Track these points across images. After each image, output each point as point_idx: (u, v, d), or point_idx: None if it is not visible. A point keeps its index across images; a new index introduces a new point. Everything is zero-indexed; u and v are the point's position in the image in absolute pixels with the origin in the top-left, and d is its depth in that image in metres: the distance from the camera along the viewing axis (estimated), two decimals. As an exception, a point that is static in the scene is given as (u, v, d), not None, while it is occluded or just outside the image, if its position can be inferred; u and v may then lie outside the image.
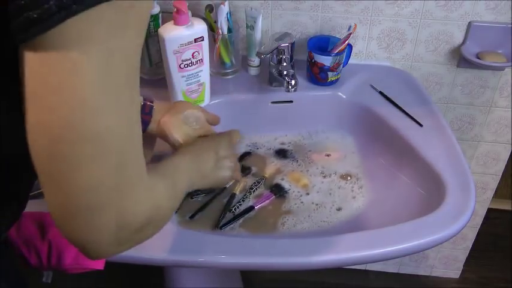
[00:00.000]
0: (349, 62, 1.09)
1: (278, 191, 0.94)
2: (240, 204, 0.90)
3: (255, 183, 0.95)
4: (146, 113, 0.82)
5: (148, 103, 0.83)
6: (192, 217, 0.87)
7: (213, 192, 0.92)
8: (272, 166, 1.00)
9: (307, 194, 0.94)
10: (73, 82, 0.37)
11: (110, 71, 0.39)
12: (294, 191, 0.94)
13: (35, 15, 0.35)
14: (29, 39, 0.37)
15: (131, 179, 0.43)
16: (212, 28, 1.01)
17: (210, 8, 1.02)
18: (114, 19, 0.38)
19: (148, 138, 0.83)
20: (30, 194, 0.90)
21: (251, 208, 0.90)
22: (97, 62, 0.38)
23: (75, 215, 0.41)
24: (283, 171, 0.98)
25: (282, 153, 1.03)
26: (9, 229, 0.60)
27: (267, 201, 0.91)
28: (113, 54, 0.39)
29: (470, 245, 1.50)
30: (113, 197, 0.42)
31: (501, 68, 1.10)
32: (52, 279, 0.83)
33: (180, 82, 0.95)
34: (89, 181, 0.40)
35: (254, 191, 0.93)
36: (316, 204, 0.92)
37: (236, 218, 0.87)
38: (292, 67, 1.00)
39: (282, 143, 1.05)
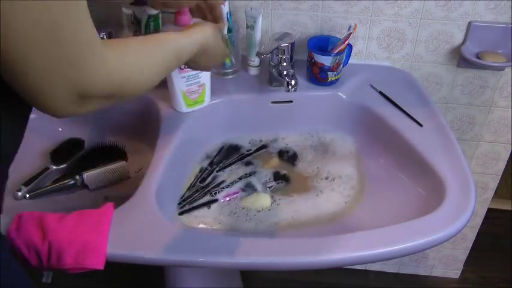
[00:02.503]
0: (349, 62, 1.09)
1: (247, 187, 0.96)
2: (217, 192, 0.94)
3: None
4: None
5: None
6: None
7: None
8: (272, 162, 1.00)
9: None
10: None
11: None
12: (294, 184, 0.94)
13: None
14: None
15: (76, 52, 0.47)
16: (212, 28, 1.01)
17: None
18: None
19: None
20: (30, 194, 0.90)
21: (215, 201, 0.92)
22: None
23: (30, 91, 0.47)
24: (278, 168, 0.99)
25: (282, 154, 1.03)
26: None
27: (234, 195, 0.93)
28: None
29: (470, 245, 1.50)
30: (58, 70, 0.46)
31: (501, 68, 1.10)
32: (52, 279, 0.83)
33: (180, 83, 0.95)
34: (28, 64, 0.45)
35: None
36: (317, 201, 0.92)
37: (195, 208, 0.90)
38: (292, 67, 1.00)
39: (286, 144, 1.06)
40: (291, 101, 1.06)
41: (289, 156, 1.03)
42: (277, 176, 0.98)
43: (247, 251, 0.74)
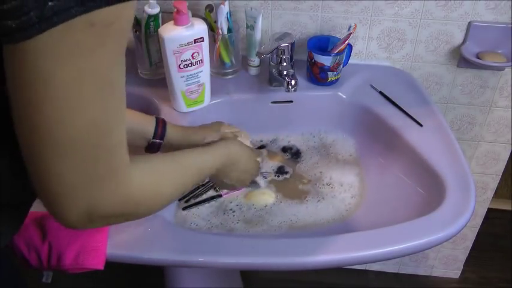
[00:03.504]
0: (349, 62, 1.09)
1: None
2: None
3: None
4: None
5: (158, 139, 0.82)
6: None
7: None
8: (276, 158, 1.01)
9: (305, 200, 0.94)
10: (44, 94, 0.40)
11: (78, 87, 0.41)
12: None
13: (14, 25, 0.36)
14: (9, 43, 0.38)
15: (98, 176, 0.46)
16: (212, 28, 1.01)
17: (210, 8, 1.02)
18: (90, 37, 0.39)
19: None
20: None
21: (219, 196, 0.93)
22: (68, 80, 0.40)
23: (48, 198, 0.47)
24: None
25: (286, 151, 1.04)
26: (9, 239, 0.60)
27: (237, 192, 0.94)
28: (84, 73, 0.41)
29: (470, 245, 1.50)
30: (78, 190, 0.46)
31: (501, 68, 1.10)
32: (52, 279, 0.83)
33: (179, 82, 0.95)
34: (54, 176, 0.45)
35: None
36: (318, 201, 0.92)
37: (200, 203, 0.91)
38: (292, 67, 1.00)
39: (288, 142, 1.06)
40: (291, 101, 1.06)
41: (292, 153, 1.03)
42: (279, 170, 0.99)
43: (247, 251, 0.74)
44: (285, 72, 0.97)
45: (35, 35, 0.37)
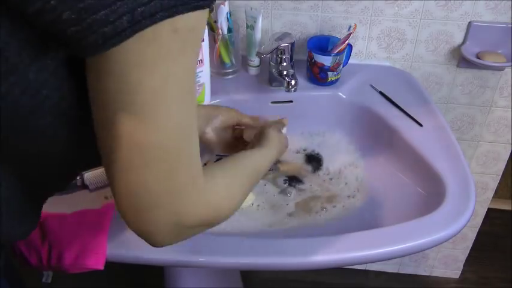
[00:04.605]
0: (349, 62, 1.09)
1: None
2: None
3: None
4: None
5: None
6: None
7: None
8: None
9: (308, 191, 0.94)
10: (132, 101, 0.41)
11: (164, 92, 0.41)
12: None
13: (107, 30, 0.37)
14: (100, 52, 0.39)
15: (182, 184, 0.46)
16: (212, 28, 1.01)
17: (210, 8, 1.02)
18: (174, 43, 0.40)
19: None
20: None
21: None
22: (156, 86, 0.41)
23: (129, 213, 0.46)
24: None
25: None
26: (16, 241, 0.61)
27: None
28: (170, 79, 0.41)
29: (470, 245, 1.50)
30: (164, 200, 0.45)
31: (501, 68, 1.10)
32: (52, 279, 0.83)
33: (180, 82, 0.95)
34: (139, 185, 0.44)
35: None
36: (318, 201, 0.92)
37: None
38: (292, 67, 1.00)
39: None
40: (291, 101, 1.06)
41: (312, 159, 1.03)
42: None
43: (247, 251, 0.74)
44: (285, 72, 0.97)
45: (126, 38, 0.38)
